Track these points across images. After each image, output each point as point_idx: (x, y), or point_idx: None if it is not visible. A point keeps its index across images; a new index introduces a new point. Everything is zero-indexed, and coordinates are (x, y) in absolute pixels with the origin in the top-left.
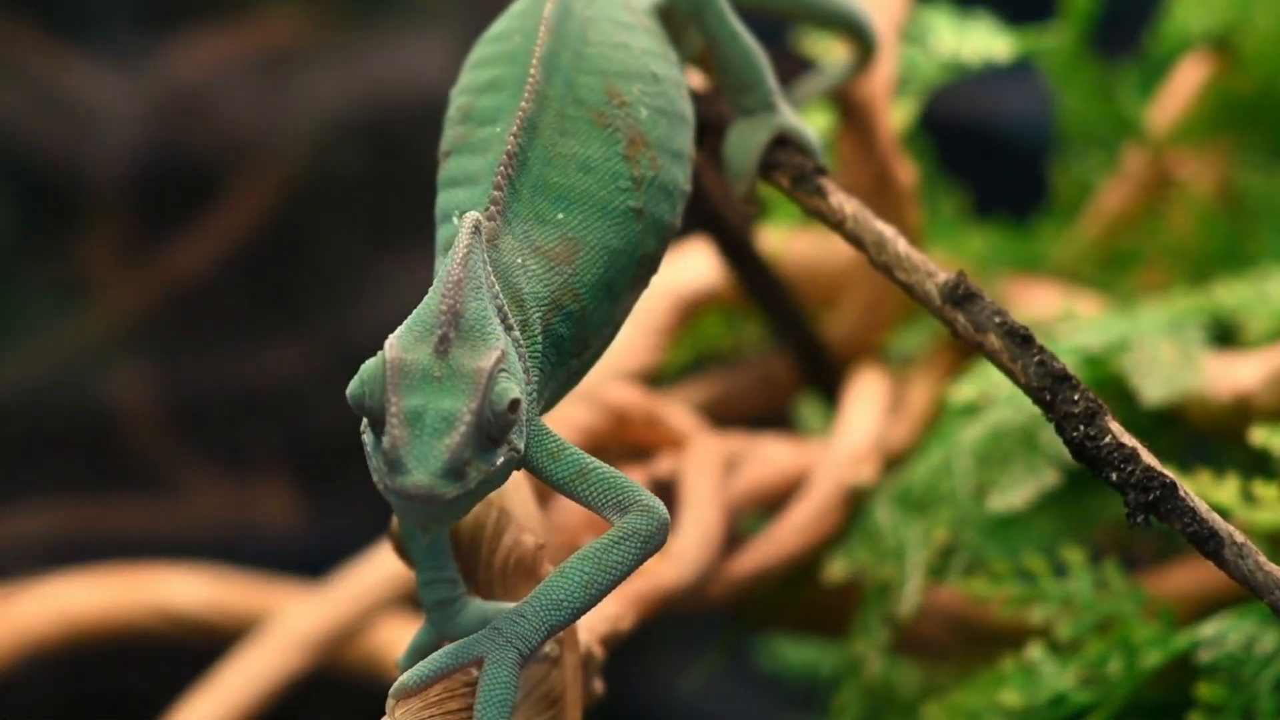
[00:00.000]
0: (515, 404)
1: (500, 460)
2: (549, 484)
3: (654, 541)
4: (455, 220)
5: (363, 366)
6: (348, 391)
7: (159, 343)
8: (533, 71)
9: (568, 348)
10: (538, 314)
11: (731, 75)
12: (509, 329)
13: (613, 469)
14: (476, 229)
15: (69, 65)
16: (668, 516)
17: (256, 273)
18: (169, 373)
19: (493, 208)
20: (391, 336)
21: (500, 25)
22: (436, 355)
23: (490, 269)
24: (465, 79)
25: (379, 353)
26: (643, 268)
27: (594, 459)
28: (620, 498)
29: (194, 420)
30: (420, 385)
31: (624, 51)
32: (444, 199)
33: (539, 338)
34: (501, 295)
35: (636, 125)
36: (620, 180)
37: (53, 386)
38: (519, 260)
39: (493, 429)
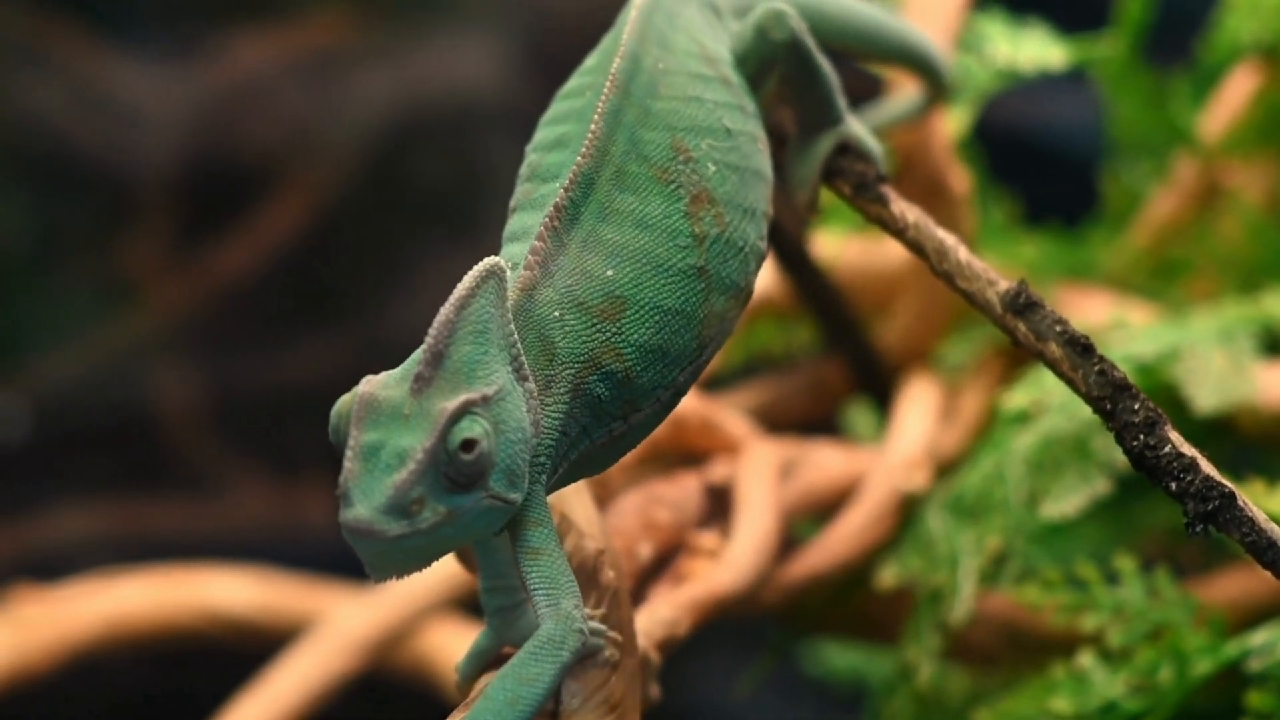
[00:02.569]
0: (472, 446)
1: (467, 505)
2: (512, 545)
3: (568, 648)
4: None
5: (338, 401)
6: (329, 427)
7: (203, 343)
8: (593, 127)
9: (608, 409)
10: (569, 371)
11: (810, 105)
12: (522, 379)
13: (565, 565)
14: (488, 275)
15: (114, 66)
16: (583, 626)
17: (300, 273)
18: (213, 373)
19: (531, 258)
20: (379, 374)
21: (573, 81)
22: (411, 394)
23: (510, 317)
24: (537, 135)
25: (353, 389)
26: (709, 329)
27: (559, 550)
28: (551, 592)
29: (239, 420)
30: (386, 422)
31: (695, 105)
32: (504, 253)
33: (565, 396)
34: (519, 345)
35: (702, 181)
36: (680, 238)
37: (97, 386)
38: (556, 314)
39: (455, 471)
